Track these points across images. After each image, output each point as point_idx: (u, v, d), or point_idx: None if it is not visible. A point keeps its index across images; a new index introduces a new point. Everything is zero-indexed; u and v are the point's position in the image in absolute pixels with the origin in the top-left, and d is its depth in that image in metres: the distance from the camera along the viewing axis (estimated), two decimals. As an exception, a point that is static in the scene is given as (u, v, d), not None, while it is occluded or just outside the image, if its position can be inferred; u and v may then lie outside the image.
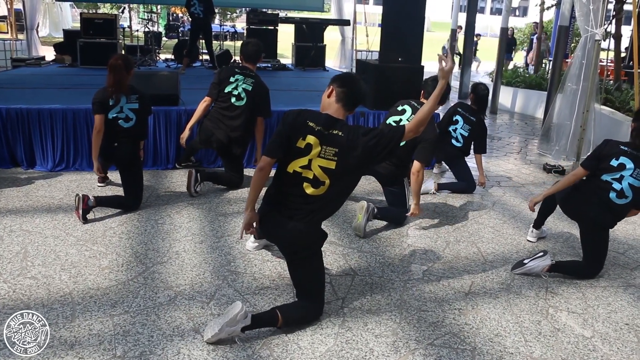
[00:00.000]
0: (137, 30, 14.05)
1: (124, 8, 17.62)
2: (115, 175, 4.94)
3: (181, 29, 17.76)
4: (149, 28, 11.88)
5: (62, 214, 4.34)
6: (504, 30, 10.96)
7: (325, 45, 11.92)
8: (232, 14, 31.47)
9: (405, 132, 2.84)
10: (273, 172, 2.90)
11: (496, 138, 8.45)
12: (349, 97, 2.85)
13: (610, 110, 7.93)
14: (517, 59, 20.34)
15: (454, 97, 11.64)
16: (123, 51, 11.00)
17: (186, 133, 5.12)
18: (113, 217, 4.32)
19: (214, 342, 2.69)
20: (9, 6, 14.80)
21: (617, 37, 9.08)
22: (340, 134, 2.76)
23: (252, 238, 3.81)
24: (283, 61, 12.14)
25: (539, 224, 4.30)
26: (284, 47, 14.59)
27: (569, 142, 6.71)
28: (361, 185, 5.38)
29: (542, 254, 3.69)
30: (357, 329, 2.93)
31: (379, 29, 6.80)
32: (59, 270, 3.39)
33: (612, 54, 9.82)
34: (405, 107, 4.44)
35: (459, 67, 13.02)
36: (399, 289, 3.41)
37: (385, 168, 4.35)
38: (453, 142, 5.39)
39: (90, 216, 4.22)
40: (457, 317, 3.12)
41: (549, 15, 16.41)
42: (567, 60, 9.99)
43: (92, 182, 5.15)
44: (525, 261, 3.68)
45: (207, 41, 10.09)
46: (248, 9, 14.00)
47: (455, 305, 3.24)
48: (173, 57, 12.06)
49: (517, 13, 54.21)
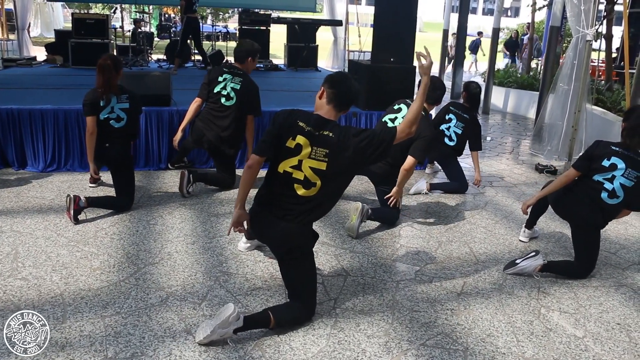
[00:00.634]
0: (129, 31, 13.99)
1: (116, 8, 17.54)
2: (107, 176, 4.92)
3: (173, 29, 17.69)
4: (140, 29, 11.84)
5: (54, 214, 4.31)
6: (496, 31, 11.01)
7: (317, 45, 11.91)
8: (225, 15, 31.44)
9: (397, 134, 2.84)
10: (264, 172, 2.89)
11: (489, 138, 8.48)
12: (339, 98, 2.84)
13: (601, 110, 7.97)
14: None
15: (446, 98, 11.64)
16: (114, 51, 10.96)
17: (179, 135, 5.11)
18: (105, 217, 4.30)
19: (205, 344, 2.68)
20: (-1, 6, 14.72)
21: (608, 37, 9.14)
22: (331, 135, 2.75)
23: (244, 239, 3.80)
24: (275, 61, 12.12)
25: (531, 223, 4.31)
26: (276, 47, 14.60)
27: (561, 142, 6.74)
28: (354, 185, 5.38)
29: (534, 253, 3.70)
30: (350, 330, 2.92)
31: (371, 29, 6.80)
32: (50, 271, 3.37)
33: (603, 55, 9.88)
34: (401, 106, 4.46)
35: (452, 67, 13.05)
36: (391, 289, 3.40)
37: (380, 167, 4.36)
38: (446, 140, 5.39)
39: (81, 217, 4.19)
40: (449, 317, 3.12)
41: (541, 16, 16.47)
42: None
43: (83, 183, 5.12)
44: (518, 261, 3.69)
45: (196, 41, 10.07)
46: (240, 9, 13.98)
47: (447, 306, 3.24)
48: (165, 57, 12.02)
49: (509, 13, 54.46)
